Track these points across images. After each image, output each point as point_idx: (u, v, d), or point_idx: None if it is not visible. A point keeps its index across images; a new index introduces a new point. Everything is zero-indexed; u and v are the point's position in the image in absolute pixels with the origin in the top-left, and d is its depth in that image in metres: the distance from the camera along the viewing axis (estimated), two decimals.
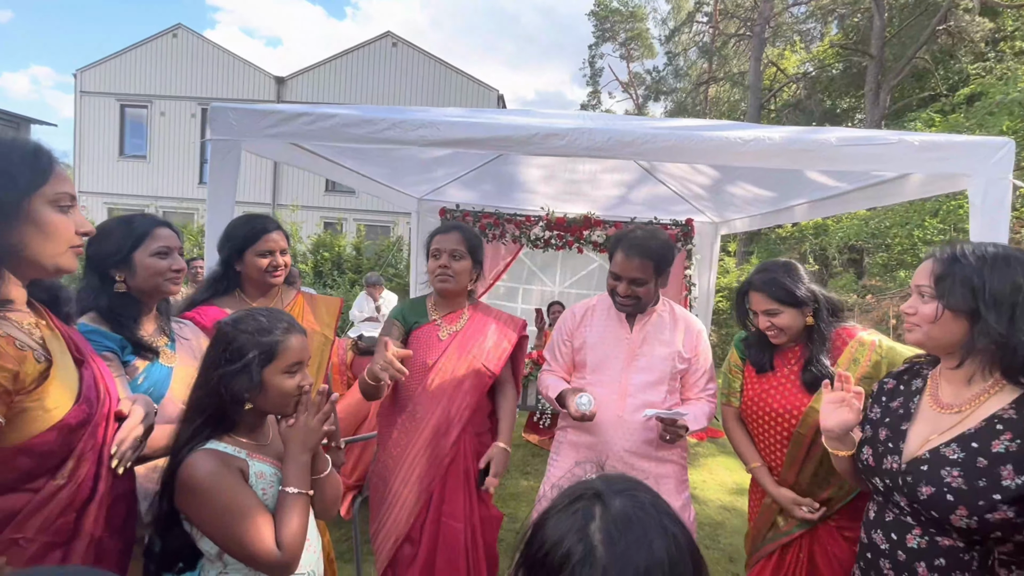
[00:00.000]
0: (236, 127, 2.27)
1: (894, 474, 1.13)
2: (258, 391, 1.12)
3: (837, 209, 3.44)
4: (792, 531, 1.62)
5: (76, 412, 0.93)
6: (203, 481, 1.03)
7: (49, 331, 0.97)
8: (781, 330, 1.62)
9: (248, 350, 1.10)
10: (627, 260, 1.74)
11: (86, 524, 0.95)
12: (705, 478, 4.28)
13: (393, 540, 1.81)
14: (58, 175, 0.93)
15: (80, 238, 0.98)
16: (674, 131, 2.22)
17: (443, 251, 1.85)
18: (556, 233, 4.95)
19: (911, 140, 2.12)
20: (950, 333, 1.09)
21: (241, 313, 1.19)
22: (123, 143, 16.97)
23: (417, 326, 1.91)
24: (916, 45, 13.19)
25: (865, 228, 8.59)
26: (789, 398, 1.62)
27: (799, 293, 1.57)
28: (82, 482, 0.95)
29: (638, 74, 25.26)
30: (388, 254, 11.21)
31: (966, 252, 1.09)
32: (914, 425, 1.16)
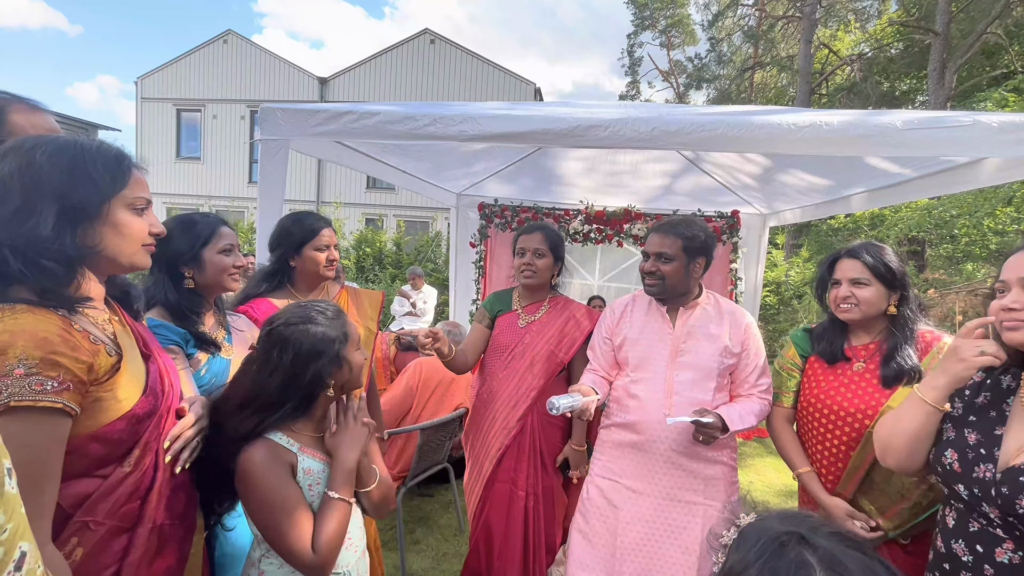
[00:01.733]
0: (284, 127, 2.34)
1: (985, 483, 1.03)
2: (345, 371, 1.20)
3: (899, 198, 3.23)
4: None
5: (143, 403, 0.98)
6: (254, 469, 1.10)
7: (120, 326, 1.03)
8: (858, 305, 1.48)
9: (333, 338, 1.18)
10: (654, 236, 1.76)
11: (148, 510, 1.00)
12: (752, 479, 4.13)
13: (475, 498, 2.14)
14: (136, 180, 0.99)
15: (152, 238, 1.03)
16: (723, 118, 2.13)
17: (527, 250, 2.07)
18: (595, 227, 4.88)
19: (988, 121, 1.95)
20: None
21: (293, 309, 1.22)
22: (179, 146, 17.92)
23: (501, 314, 2.20)
24: (987, 19, 12.18)
25: (927, 218, 8.04)
26: (863, 396, 1.48)
27: (896, 271, 1.48)
28: (146, 470, 1.00)
29: (679, 62, 24.49)
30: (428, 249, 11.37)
31: None
32: (1011, 430, 1.05)
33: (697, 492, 1.72)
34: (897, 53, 15.86)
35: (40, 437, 0.82)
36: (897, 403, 1.38)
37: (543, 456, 2.07)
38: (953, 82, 12.74)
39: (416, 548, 2.85)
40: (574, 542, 1.85)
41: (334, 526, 1.10)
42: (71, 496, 0.91)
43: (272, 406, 1.14)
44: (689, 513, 1.72)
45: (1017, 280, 1.04)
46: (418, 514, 3.20)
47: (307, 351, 1.15)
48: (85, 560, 0.92)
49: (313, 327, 1.17)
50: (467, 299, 5.16)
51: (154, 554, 1.01)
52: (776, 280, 10.26)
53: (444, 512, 3.23)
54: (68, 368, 0.84)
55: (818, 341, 1.62)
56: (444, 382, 3.00)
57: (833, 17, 18.02)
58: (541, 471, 2.06)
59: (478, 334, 2.22)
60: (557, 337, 2.08)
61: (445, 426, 2.81)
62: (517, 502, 2.03)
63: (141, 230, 1.00)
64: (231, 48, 17.43)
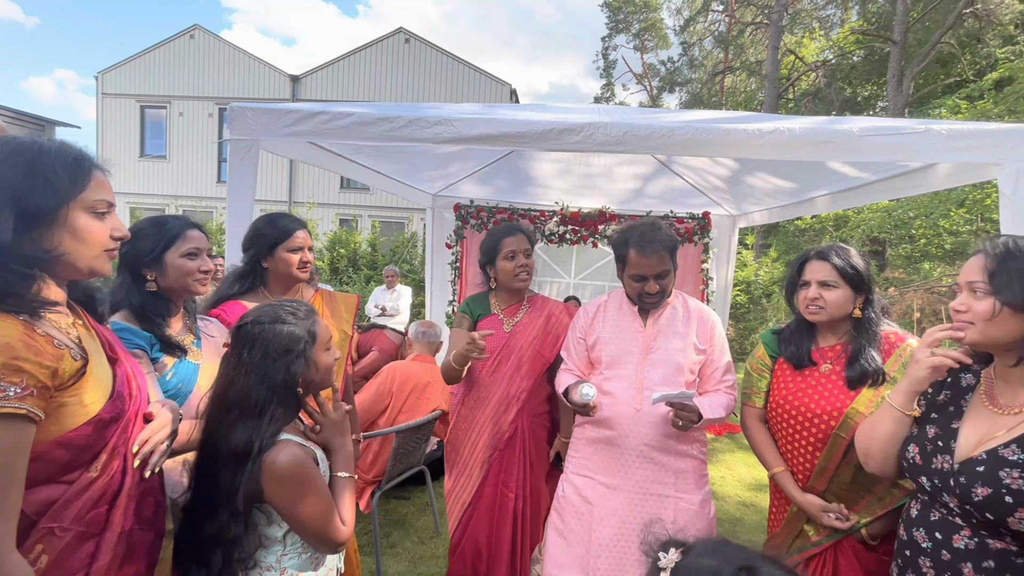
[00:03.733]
0: (254, 127, 2.31)
1: (944, 474, 1.09)
2: (312, 371, 1.21)
3: (860, 200, 3.37)
4: (822, 542, 1.52)
5: (110, 407, 0.97)
6: (294, 468, 1.11)
7: (85, 330, 1.01)
8: (825, 307, 1.51)
9: (300, 337, 1.18)
10: (647, 258, 1.74)
11: (116, 515, 0.98)
12: (723, 474, 4.24)
13: (461, 504, 2.11)
14: (97, 182, 0.97)
15: (114, 242, 1.01)
16: (691, 124, 2.19)
17: (518, 252, 2.06)
18: (571, 228, 4.93)
19: (938, 129, 2.07)
20: (1008, 331, 1.04)
21: (263, 308, 1.23)
22: (143, 143, 17.32)
23: (482, 317, 2.16)
24: (941, 29, 12.78)
25: (888, 219, 8.39)
26: (829, 398, 1.51)
27: (863, 274, 1.51)
28: (113, 475, 0.98)
29: (652, 65, 24.90)
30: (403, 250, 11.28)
31: (1020, 245, 1.05)
32: (967, 424, 1.12)
33: (668, 485, 1.77)
34: (859, 60, 16.49)
35: (3, 444, 0.80)
36: (862, 405, 1.45)
37: (532, 456, 2.09)
38: (910, 89, 13.32)
39: (392, 552, 2.83)
40: (550, 540, 1.88)
41: (350, 500, 1.24)
42: (36, 503, 0.89)
43: (261, 408, 1.13)
44: (661, 506, 1.76)
45: (965, 284, 1.09)
46: (394, 517, 3.18)
47: (275, 349, 1.15)
48: (51, 567, 0.90)
49: (280, 326, 1.17)
50: (443, 300, 5.15)
51: (122, 560, 0.99)
52: (746, 279, 10.54)
53: (420, 515, 3.22)
54: (31, 373, 0.83)
55: (785, 345, 1.64)
56: (419, 385, 2.99)
57: (798, 24, 18.61)
58: (530, 472, 2.09)
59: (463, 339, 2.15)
60: (541, 336, 2.10)
61: (421, 428, 2.81)
62: (507, 504, 2.04)
63: (102, 235, 0.97)
64: (198, 43, 16.94)
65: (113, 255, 1.01)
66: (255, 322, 1.18)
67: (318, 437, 1.27)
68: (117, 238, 1.01)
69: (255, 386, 1.13)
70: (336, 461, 1.26)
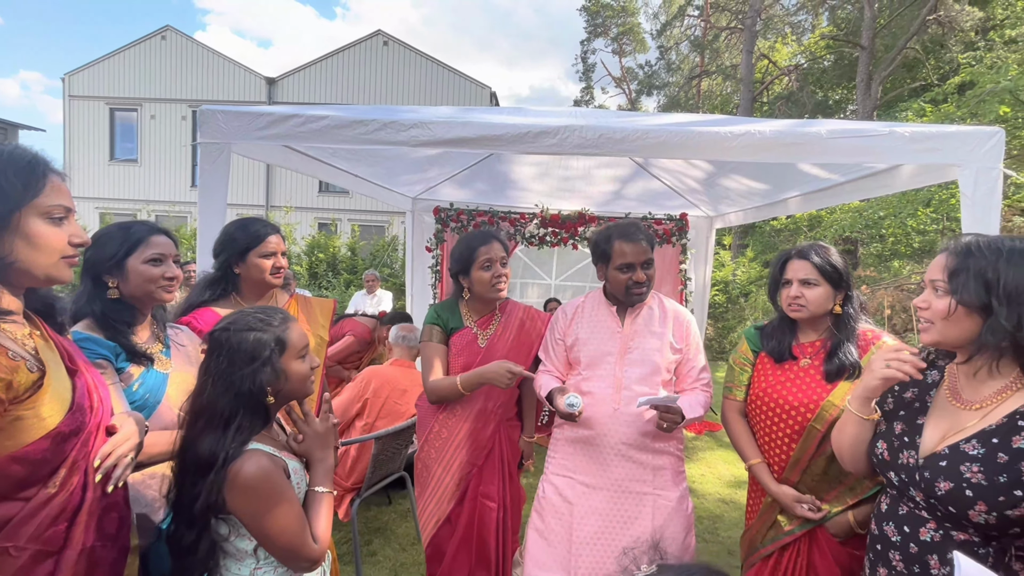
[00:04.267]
0: (226, 130, 2.26)
1: (911, 469, 1.11)
2: (283, 380, 1.18)
3: (830, 201, 3.46)
4: (795, 531, 1.57)
5: (69, 420, 0.93)
6: (259, 480, 1.08)
7: (43, 341, 0.97)
8: (806, 305, 1.56)
9: (265, 345, 1.15)
10: (634, 244, 1.78)
11: (77, 533, 0.95)
12: (704, 472, 4.29)
13: (435, 521, 2.03)
14: (52, 187, 0.93)
15: (74, 248, 0.97)
16: (664, 127, 2.22)
17: (495, 260, 1.97)
18: (551, 230, 4.95)
19: (902, 131, 2.13)
20: (964, 329, 1.05)
21: (236, 315, 1.21)
22: (113, 147, 16.87)
23: (455, 331, 2.04)
24: (906, 35, 13.22)
25: (859, 219, 8.62)
26: (807, 391, 1.55)
27: (842, 272, 1.56)
28: (73, 491, 0.95)
29: (631, 69, 25.21)
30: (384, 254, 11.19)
31: (981, 245, 1.05)
32: (931, 419, 1.14)
33: (646, 483, 1.79)
34: (829, 65, 16.94)
35: None
36: (837, 397, 1.50)
37: (510, 465, 2.07)
38: (878, 92, 13.74)
39: (373, 560, 2.80)
40: (531, 541, 1.88)
41: (326, 516, 1.20)
42: None
43: (227, 417, 1.11)
44: (639, 503, 1.78)
45: (928, 282, 1.11)
46: (374, 524, 3.14)
47: (240, 358, 1.13)
48: None
49: (247, 333, 1.15)
50: (424, 303, 5.12)
51: None
52: (724, 279, 10.72)
53: (402, 521, 3.19)
54: None
55: (767, 339, 1.69)
56: (396, 391, 2.96)
57: (771, 30, 19.06)
58: (509, 481, 2.07)
59: (443, 354, 2.03)
60: (516, 347, 2.04)
61: (400, 434, 2.78)
62: (489, 515, 2.01)
63: (58, 241, 0.94)
64: (170, 45, 16.58)
65: (73, 262, 0.98)
66: (223, 329, 1.16)
67: (299, 447, 1.24)
68: (76, 244, 0.97)
69: (220, 395, 1.11)
70: (315, 474, 1.22)
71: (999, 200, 2.08)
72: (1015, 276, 0.99)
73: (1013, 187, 6.46)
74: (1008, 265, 1.00)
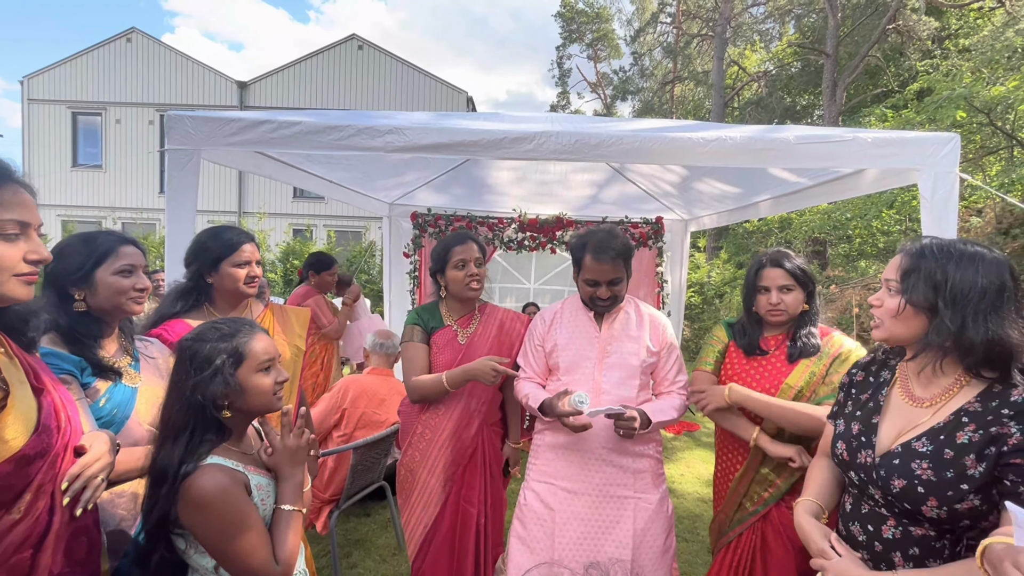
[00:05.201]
0: (195, 135, 2.21)
1: (868, 468, 1.14)
2: (238, 394, 1.14)
3: (799, 204, 3.56)
4: (758, 510, 1.69)
5: (34, 442, 0.89)
6: (213, 496, 1.04)
7: (7, 359, 0.93)
8: (786, 310, 1.67)
9: (216, 355, 1.12)
10: (601, 264, 1.78)
11: (43, 559, 0.90)
12: (683, 471, 4.35)
13: (423, 527, 2.02)
14: (4, 201, 0.89)
15: (30, 266, 0.93)
16: (639, 133, 2.26)
17: (469, 260, 2.00)
18: (529, 235, 4.97)
19: (864, 137, 2.21)
20: (911, 328, 1.09)
21: (202, 326, 1.19)
22: (76, 152, 16.30)
23: (435, 331, 2.07)
24: (868, 43, 13.74)
25: (827, 221, 8.90)
26: (768, 377, 1.69)
27: (811, 277, 1.70)
28: (39, 516, 0.90)
29: (605, 74, 25.55)
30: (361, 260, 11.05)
31: (933, 248, 1.08)
32: (885, 418, 1.17)
33: (627, 487, 1.80)
34: (796, 72, 17.47)
35: None
36: (794, 378, 1.64)
37: (492, 468, 2.07)
38: (843, 98, 14.23)
39: (353, 573, 2.75)
40: (513, 549, 1.87)
41: (293, 536, 1.14)
42: None
43: (179, 428, 1.08)
44: (621, 507, 1.79)
45: (884, 281, 1.16)
46: (354, 536, 3.08)
47: (195, 368, 1.10)
48: None
49: (201, 344, 1.13)
50: (402, 309, 5.07)
51: None
52: (699, 281, 10.93)
53: (382, 532, 3.14)
54: None
55: (739, 335, 1.80)
56: (374, 400, 2.92)
57: (741, 37, 19.56)
58: (491, 484, 2.06)
59: (424, 354, 2.04)
60: (496, 345, 2.06)
61: (379, 443, 2.74)
62: (470, 519, 2.01)
63: (11, 258, 0.89)
64: (136, 47, 16.13)
65: (30, 279, 0.93)
66: (187, 338, 1.15)
67: (268, 460, 1.20)
68: (31, 261, 0.93)
69: (175, 406, 1.09)
70: (283, 491, 1.17)
71: (956, 202, 2.17)
72: (961, 279, 1.03)
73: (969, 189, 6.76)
74: (956, 269, 1.04)
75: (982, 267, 1.03)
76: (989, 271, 1.03)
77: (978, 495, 0.99)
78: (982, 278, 1.02)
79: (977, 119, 7.03)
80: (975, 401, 1.05)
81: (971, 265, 1.04)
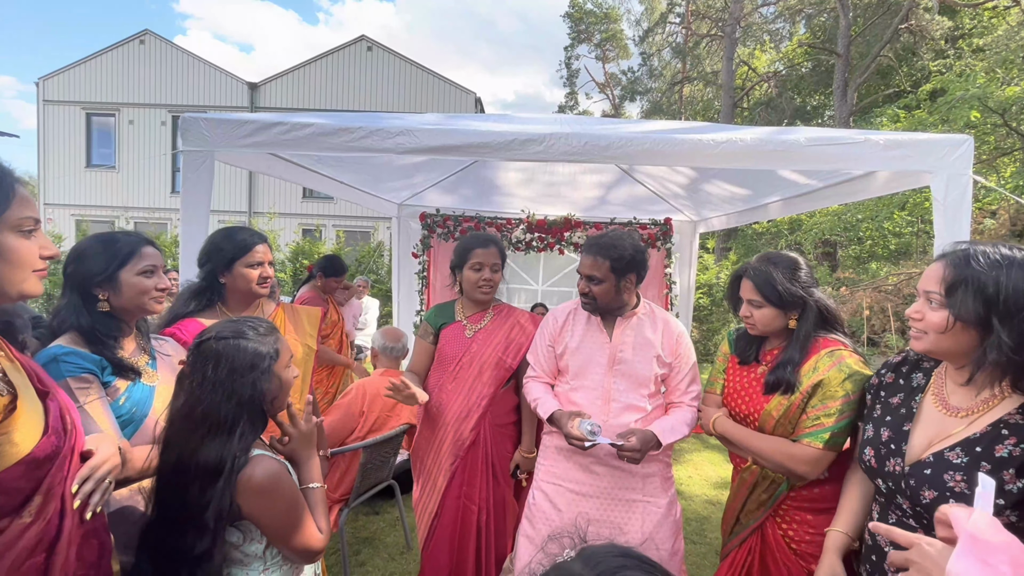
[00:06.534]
0: (209, 137, 2.24)
1: (896, 476, 1.10)
2: (277, 388, 1.21)
3: (809, 206, 3.54)
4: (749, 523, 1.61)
5: (44, 445, 0.90)
6: (272, 482, 1.12)
7: (9, 362, 0.93)
8: (755, 324, 1.57)
9: (265, 354, 1.18)
10: (583, 257, 1.83)
11: (57, 562, 0.91)
12: (691, 474, 4.34)
13: (429, 515, 2.09)
14: (21, 199, 0.90)
15: (44, 262, 0.95)
16: (648, 135, 2.26)
17: (485, 265, 2.05)
18: (537, 235, 4.98)
19: (876, 139, 2.19)
20: (961, 344, 1.03)
21: (224, 324, 1.21)
22: (90, 153, 16.52)
23: (445, 325, 2.15)
24: (880, 43, 13.60)
25: (838, 222, 8.81)
26: (750, 401, 1.58)
27: (783, 295, 1.49)
28: (50, 519, 0.90)
29: (614, 75, 25.48)
30: (369, 260, 11.11)
31: (979, 258, 1.00)
32: (917, 426, 1.12)
33: (636, 490, 1.80)
34: (807, 72, 17.33)
35: None
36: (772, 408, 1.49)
37: (495, 467, 2.07)
38: (854, 99, 14.09)
39: (362, 570, 2.77)
40: (521, 547, 1.88)
41: (324, 510, 1.27)
42: None
43: (231, 424, 1.11)
44: (629, 510, 1.79)
45: (923, 292, 1.08)
46: (363, 534, 3.11)
47: (242, 365, 1.14)
48: None
49: (245, 341, 1.17)
50: (411, 310, 5.10)
51: None
52: (708, 282, 10.86)
53: (391, 531, 3.16)
54: None
55: (738, 343, 1.70)
56: (388, 404, 2.93)
57: (751, 37, 19.43)
58: (493, 483, 2.06)
59: (425, 352, 2.17)
60: (504, 343, 2.08)
61: (389, 442, 2.76)
62: (470, 517, 2.02)
63: (31, 254, 0.92)
64: (149, 49, 16.33)
65: (44, 275, 0.96)
66: (217, 338, 1.16)
67: (285, 449, 1.27)
68: (47, 256, 0.95)
69: (223, 402, 1.12)
70: (306, 472, 1.27)
71: (969, 205, 2.15)
72: (1015, 290, 0.95)
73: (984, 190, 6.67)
74: (1008, 278, 0.96)
75: None
76: None
77: (1015, 511, 0.95)
78: None
79: (991, 120, 6.93)
80: (1016, 413, 1.00)
81: (1022, 272, 0.96)
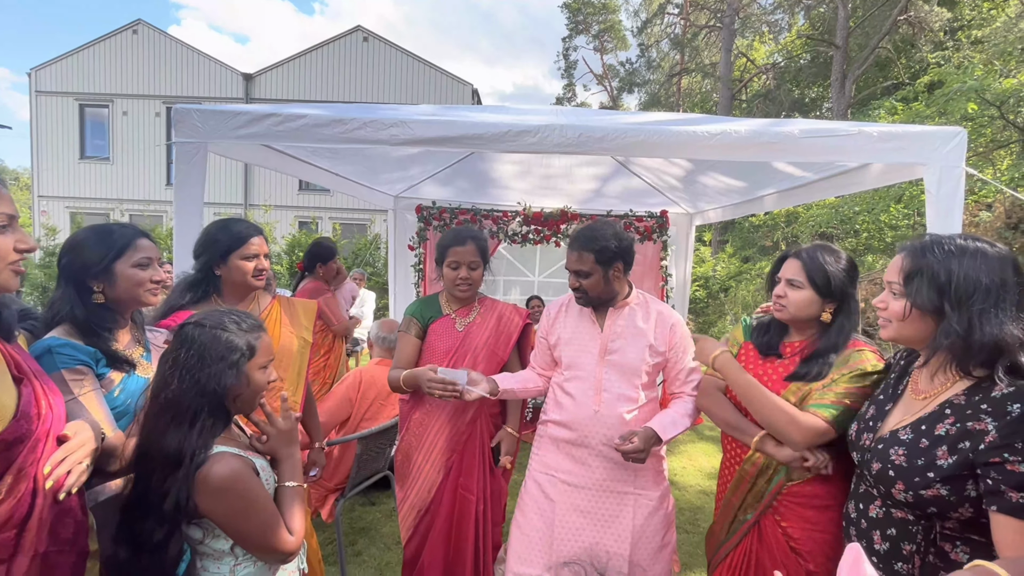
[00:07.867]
0: (202, 129, 2.23)
1: (863, 450, 1.19)
2: (244, 386, 1.17)
3: (805, 198, 3.54)
4: (747, 518, 1.57)
5: (13, 428, 0.93)
6: (230, 481, 1.09)
7: None
8: (787, 306, 1.49)
9: (237, 347, 1.15)
10: (569, 253, 1.83)
11: (28, 539, 0.94)
12: (684, 464, 4.37)
13: (416, 512, 2.06)
14: None
15: (18, 255, 0.96)
16: (643, 126, 2.25)
17: (462, 263, 2.03)
18: (533, 228, 4.98)
19: (870, 131, 2.20)
20: (919, 330, 1.10)
21: (211, 312, 1.21)
22: (84, 144, 16.38)
23: (433, 320, 2.12)
24: (878, 35, 13.56)
25: (834, 215, 8.84)
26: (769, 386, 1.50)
27: (831, 279, 1.44)
28: (21, 497, 0.94)
29: (612, 66, 25.36)
30: (366, 252, 11.10)
31: (935, 248, 1.06)
32: (897, 407, 1.20)
33: (628, 483, 1.81)
34: (805, 63, 17.27)
35: None
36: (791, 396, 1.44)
37: (491, 458, 2.09)
38: (852, 91, 14.06)
39: (358, 560, 2.79)
40: (513, 537, 1.90)
41: (299, 510, 1.22)
42: None
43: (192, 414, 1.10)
44: (621, 503, 1.81)
45: (886, 282, 1.15)
46: (359, 524, 3.13)
47: (212, 355, 1.12)
48: None
49: (220, 332, 1.15)
50: (407, 302, 5.06)
51: None
52: (704, 275, 10.90)
53: (387, 521, 3.19)
54: None
55: (758, 333, 1.64)
56: (382, 393, 2.94)
57: (749, 28, 19.34)
58: (490, 474, 2.08)
59: (412, 348, 2.10)
60: (495, 335, 2.10)
61: (384, 433, 2.78)
62: (468, 507, 2.03)
63: (5, 248, 0.93)
64: (142, 39, 16.15)
65: (19, 269, 0.97)
66: (197, 324, 1.16)
67: (265, 447, 1.25)
68: (21, 250, 0.96)
69: (187, 391, 1.11)
70: (284, 471, 1.24)
71: (962, 197, 2.16)
72: (965, 278, 1.02)
73: (980, 183, 6.69)
74: (959, 267, 1.03)
75: (985, 264, 1.02)
76: (992, 267, 1.02)
77: (945, 485, 1.01)
78: (985, 276, 1.01)
79: (988, 112, 6.94)
80: (961, 395, 1.07)
81: (974, 262, 1.03)
